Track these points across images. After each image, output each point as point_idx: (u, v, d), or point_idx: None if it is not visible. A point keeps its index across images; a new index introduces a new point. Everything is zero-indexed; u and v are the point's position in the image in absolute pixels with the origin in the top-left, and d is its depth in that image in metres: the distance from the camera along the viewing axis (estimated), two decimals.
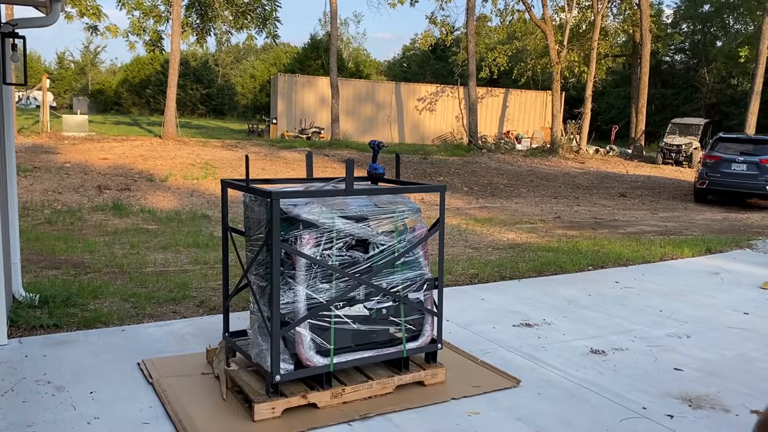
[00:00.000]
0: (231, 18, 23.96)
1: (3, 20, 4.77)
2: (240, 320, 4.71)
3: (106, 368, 3.93)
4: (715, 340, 4.82)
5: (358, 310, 3.50)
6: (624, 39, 35.16)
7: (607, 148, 28.27)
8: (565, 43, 27.92)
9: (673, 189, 18.12)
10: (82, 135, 19.63)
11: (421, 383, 3.77)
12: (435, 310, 3.81)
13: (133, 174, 13.64)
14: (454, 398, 3.64)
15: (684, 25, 42.98)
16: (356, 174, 3.73)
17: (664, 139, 25.36)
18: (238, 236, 3.94)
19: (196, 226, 9.37)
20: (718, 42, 39.48)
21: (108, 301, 5.36)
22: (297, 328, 3.32)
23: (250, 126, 31.67)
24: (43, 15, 4.60)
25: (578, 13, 31.32)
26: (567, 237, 9.61)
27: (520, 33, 33.18)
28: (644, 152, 27.99)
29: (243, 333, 3.96)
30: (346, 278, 3.42)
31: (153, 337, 4.54)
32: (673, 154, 24.27)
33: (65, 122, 21.30)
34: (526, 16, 29.27)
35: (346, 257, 3.44)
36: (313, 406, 3.41)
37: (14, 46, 4.57)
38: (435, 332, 3.83)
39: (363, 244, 3.52)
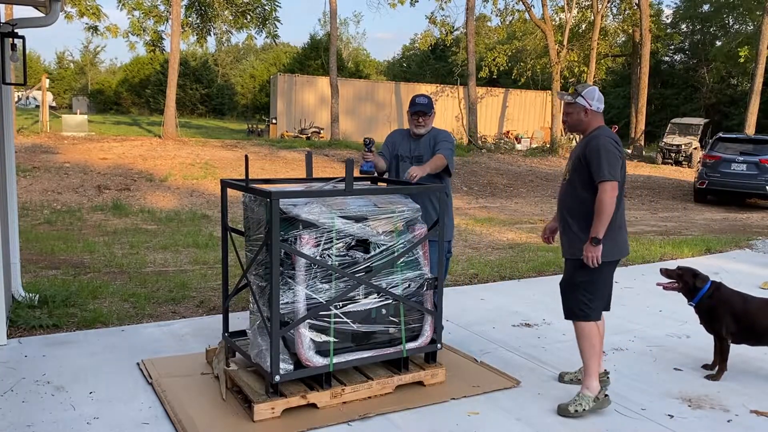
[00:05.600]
0: (231, 18, 23.94)
1: (2, 20, 4.77)
2: (240, 320, 4.71)
3: (105, 368, 3.93)
4: None
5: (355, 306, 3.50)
6: (624, 39, 35.16)
7: None
8: (564, 43, 27.92)
9: (672, 189, 18.12)
10: (82, 135, 19.61)
11: (420, 383, 3.77)
12: (434, 310, 3.81)
13: (133, 174, 13.63)
14: (453, 398, 3.64)
15: (683, 25, 42.96)
16: (356, 174, 3.73)
17: (664, 139, 25.36)
18: (237, 236, 3.93)
19: (195, 226, 9.37)
20: (717, 42, 39.46)
21: (107, 301, 5.36)
22: (297, 328, 3.32)
23: (250, 126, 31.66)
24: (43, 15, 4.59)
25: (578, 13, 31.32)
26: None
27: (520, 33, 33.19)
28: (644, 152, 28.00)
29: (242, 333, 3.95)
30: (346, 278, 3.42)
31: (152, 337, 4.54)
32: (673, 154, 24.26)
33: (65, 122, 21.28)
34: (526, 16, 29.28)
35: (346, 257, 3.44)
36: (313, 406, 3.41)
37: (14, 46, 4.57)
38: (435, 332, 3.82)
39: (363, 244, 3.51)
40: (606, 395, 3.58)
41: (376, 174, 4.21)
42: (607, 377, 3.84)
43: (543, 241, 4.02)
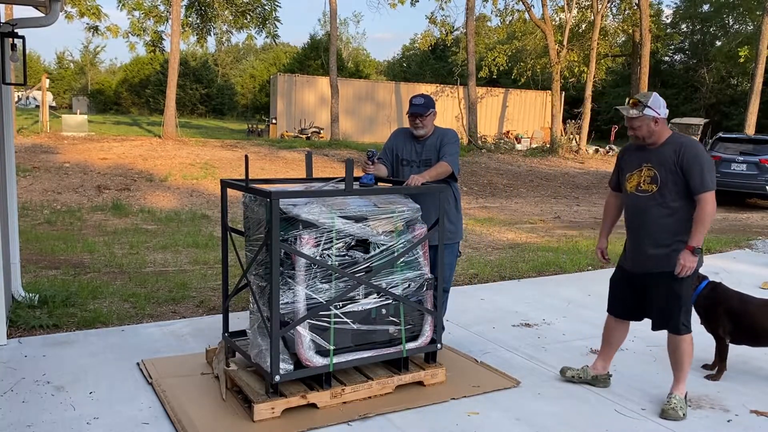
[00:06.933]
0: (231, 18, 23.93)
1: (2, 20, 4.77)
2: (240, 320, 4.71)
3: (105, 368, 3.93)
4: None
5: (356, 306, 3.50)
6: (624, 39, 35.16)
7: (607, 147, 28.27)
8: (564, 43, 27.91)
9: None
10: (82, 135, 19.60)
11: (420, 383, 3.77)
12: (434, 310, 3.81)
13: (133, 174, 13.63)
14: (453, 398, 3.64)
15: (683, 25, 42.97)
16: (356, 174, 3.73)
17: None
18: (237, 236, 3.93)
19: (195, 226, 9.37)
20: (717, 42, 39.47)
21: (107, 301, 5.36)
22: (297, 328, 3.32)
23: (250, 126, 31.63)
24: (43, 15, 4.59)
25: (578, 13, 31.31)
26: (567, 237, 9.61)
27: (520, 33, 33.16)
28: None
29: (242, 333, 3.95)
30: (346, 278, 3.42)
31: (152, 337, 4.54)
32: None
33: (65, 122, 21.25)
34: (526, 16, 29.27)
35: (346, 257, 3.44)
36: (313, 406, 3.41)
37: (14, 46, 4.57)
38: (434, 332, 3.82)
39: (363, 244, 3.51)
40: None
41: (377, 185, 4.20)
42: (609, 379, 3.85)
43: (604, 262, 3.95)
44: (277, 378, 3.27)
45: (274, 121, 28.90)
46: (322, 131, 27.37)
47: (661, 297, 3.52)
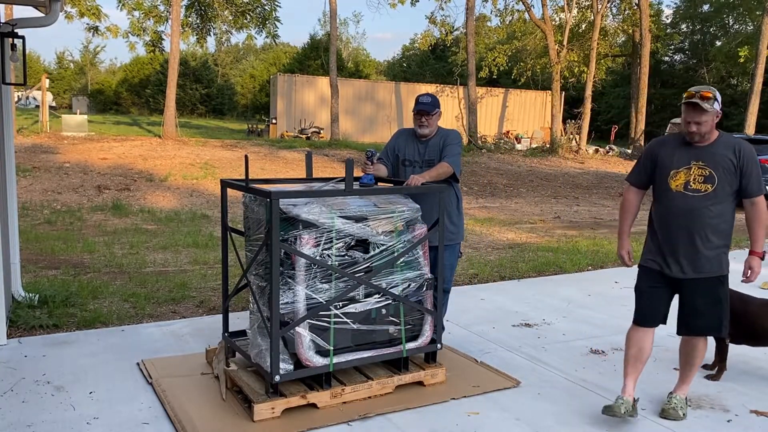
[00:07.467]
0: (231, 18, 23.95)
1: (2, 20, 4.77)
2: (240, 320, 4.71)
3: (105, 368, 3.93)
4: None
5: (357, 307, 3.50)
6: (624, 39, 35.16)
7: (607, 147, 28.28)
8: (564, 43, 27.93)
9: None
10: (82, 135, 19.61)
11: (420, 383, 3.76)
12: (434, 310, 3.81)
13: (133, 174, 13.63)
14: (453, 398, 3.64)
15: (683, 25, 42.98)
16: (356, 174, 3.73)
17: None
18: (237, 236, 3.93)
19: (195, 226, 9.37)
20: (717, 42, 39.48)
21: (107, 301, 5.36)
22: (296, 329, 3.32)
23: (250, 126, 31.65)
24: (43, 15, 4.59)
25: (578, 13, 31.33)
26: (567, 237, 9.61)
27: (520, 33, 33.18)
28: None
29: (242, 333, 3.95)
30: (346, 278, 3.42)
31: (152, 337, 4.54)
32: None
33: (64, 122, 21.27)
34: (526, 16, 29.29)
35: (346, 257, 3.44)
36: (313, 406, 3.41)
37: (14, 46, 4.57)
38: (434, 332, 3.82)
39: (363, 244, 3.51)
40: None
41: (377, 185, 4.19)
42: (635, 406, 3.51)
43: (629, 264, 3.73)
44: (277, 378, 3.27)
45: (274, 121, 28.91)
46: (322, 131, 27.38)
47: (710, 302, 3.38)
